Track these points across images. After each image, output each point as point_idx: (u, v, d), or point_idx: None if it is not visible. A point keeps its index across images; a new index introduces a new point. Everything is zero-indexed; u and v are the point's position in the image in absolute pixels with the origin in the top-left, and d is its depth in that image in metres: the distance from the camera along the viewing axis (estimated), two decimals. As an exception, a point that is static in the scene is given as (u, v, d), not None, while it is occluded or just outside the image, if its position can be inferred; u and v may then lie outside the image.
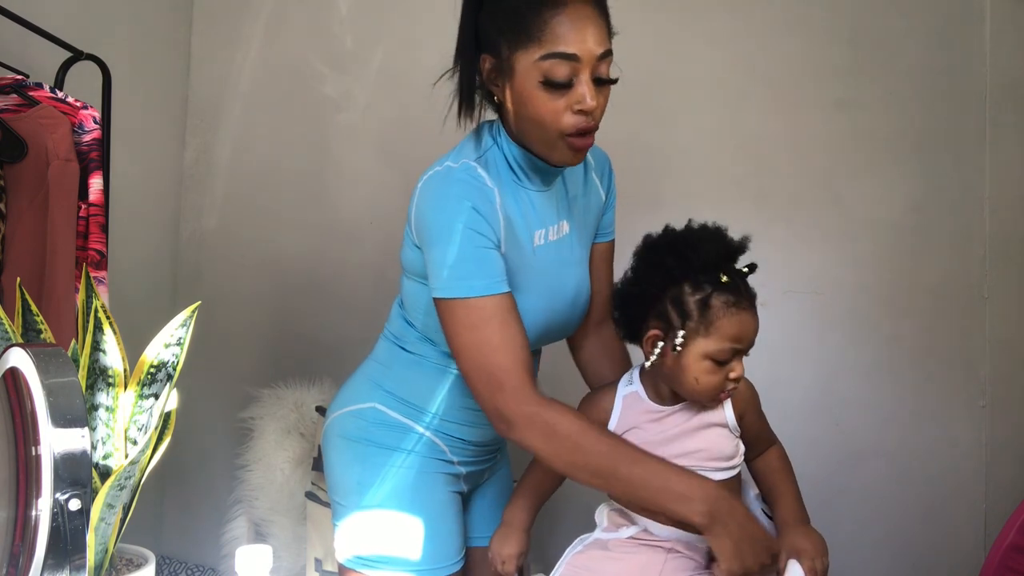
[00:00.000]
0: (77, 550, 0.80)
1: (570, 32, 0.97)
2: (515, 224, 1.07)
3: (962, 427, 1.69)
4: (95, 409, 1.24)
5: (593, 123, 1.02)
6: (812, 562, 1.07)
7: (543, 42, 0.98)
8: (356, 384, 1.24)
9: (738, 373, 1.04)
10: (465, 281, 1.00)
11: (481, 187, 1.03)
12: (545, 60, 0.98)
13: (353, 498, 1.17)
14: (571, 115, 1.00)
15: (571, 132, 1.01)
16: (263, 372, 2.08)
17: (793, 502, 1.15)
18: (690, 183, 1.91)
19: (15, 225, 1.49)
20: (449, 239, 1.01)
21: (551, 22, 0.97)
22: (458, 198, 1.02)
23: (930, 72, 1.73)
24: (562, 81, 0.99)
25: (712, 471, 1.08)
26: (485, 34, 1.04)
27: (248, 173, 2.40)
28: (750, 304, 1.05)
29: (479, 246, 1.01)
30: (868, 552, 1.73)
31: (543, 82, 0.99)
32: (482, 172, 1.04)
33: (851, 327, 1.78)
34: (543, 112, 1.00)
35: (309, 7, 2.33)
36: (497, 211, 1.03)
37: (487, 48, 1.04)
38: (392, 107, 2.22)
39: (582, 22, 0.98)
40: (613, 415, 1.12)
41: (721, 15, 1.89)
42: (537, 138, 1.05)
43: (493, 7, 1.03)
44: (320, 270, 2.28)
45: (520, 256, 1.08)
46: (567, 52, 0.97)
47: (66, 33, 1.74)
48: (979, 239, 1.70)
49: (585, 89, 0.99)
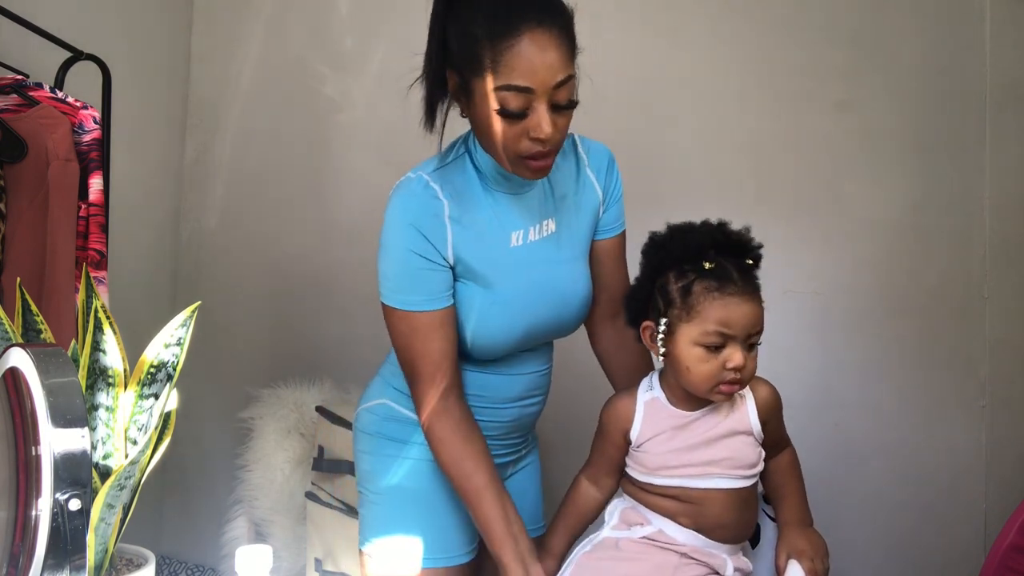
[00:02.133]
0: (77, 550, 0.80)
1: (523, 64, 0.97)
2: (480, 228, 1.11)
3: (962, 427, 1.69)
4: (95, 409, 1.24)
5: (549, 147, 1.03)
6: (812, 563, 1.07)
7: (497, 73, 0.98)
8: (374, 382, 1.31)
9: (736, 362, 1.02)
10: (400, 295, 1.10)
11: (429, 201, 1.08)
12: (499, 91, 0.99)
13: (368, 486, 1.24)
14: (527, 141, 1.01)
15: (527, 156, 1.03)
16: (263, 372, 2.08)
17: (797, 504, 1.15)
18: (690, 183, 1.91)
19: (15, 225, 1.49)
20: (391, 256, 1.10)
21: (505, 54, 0.97)
22: (402, 218, 1.08)
23: (930, 72, 1.73)
24: (516, 112, 0.99)
25: (736, 479, 1.08)
26: (451, 49, 1.05)
27: (248, 173, 2.40)
28: (740, 290, 1.03)
29: (415, 267, 1.08)
30: (868, 552, 1.73)
31: (498, 111, 1.00)
32: (435, 185, 1.09)
33: (851, 327, 1.78)
34: (500, 137, 1.02)
35: (309, 7, 2.33)
36: (445, 223, 1.08)
37: (452, 64, 1.05)
38: (392, 107, 2.21)
39: (536, 53, 0.97)
40: (635, 422, 1.11)
41: (721, 15, 1.89)
42: (497, 157, 1.07)
43: (455, 27, 1.03)
44: (320, 270, 2.28)
45: (491, 256, 1.12)
46: (520, 85, 0.97)
47: (66, 33, 1.74)
48: (979, 239, 1.69)
49: (540, 119, 0.99)
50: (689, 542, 1.08)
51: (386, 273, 1.11)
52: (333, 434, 1.63)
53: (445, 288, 1.10)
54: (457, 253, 1.10)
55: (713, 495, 1.08)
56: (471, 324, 1.13)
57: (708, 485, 1.08)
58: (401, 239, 1.08)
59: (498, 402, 1.21)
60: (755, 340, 1.05)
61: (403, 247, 1.08)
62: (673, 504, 1.09)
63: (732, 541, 1.11)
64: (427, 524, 1.19)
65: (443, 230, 1.08)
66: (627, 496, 1.16)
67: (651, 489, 1.11)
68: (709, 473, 1.07)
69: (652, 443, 1.10)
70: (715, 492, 1.08)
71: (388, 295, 1.11)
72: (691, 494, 1.08)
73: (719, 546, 1.09)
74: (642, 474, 1.11)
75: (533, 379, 1.24)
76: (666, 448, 1.08)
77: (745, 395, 1.11)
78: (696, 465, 1.07)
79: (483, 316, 1.13)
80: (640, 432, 1.11)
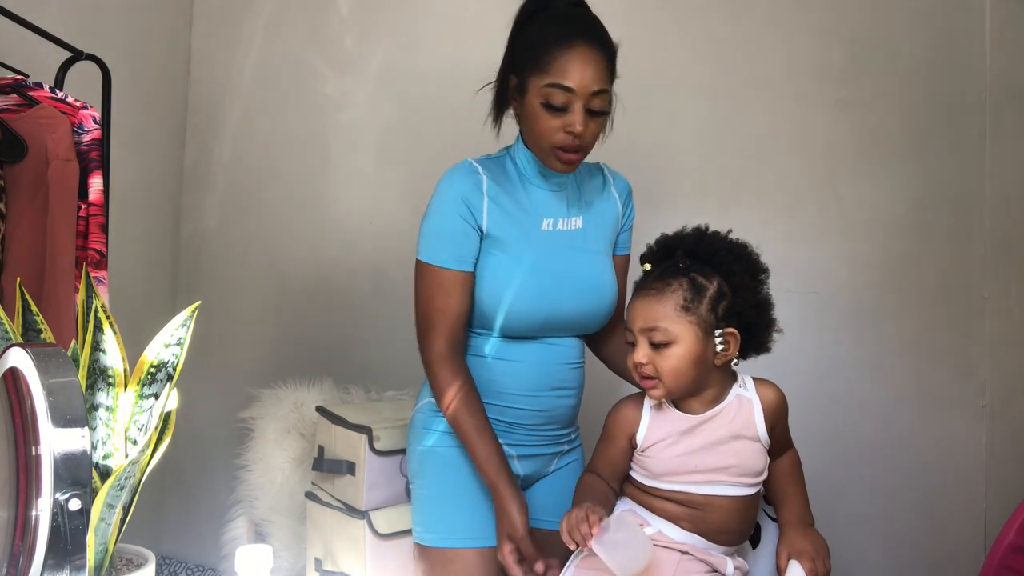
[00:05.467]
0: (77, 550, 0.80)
1: (572, 69, 1.18)
2: (513, 209, 1.28)
3: (962, 427, 1.69)
4: (95, 409, 1.24)
5: (580, 143, 1.22)
6: (813, 563, 1.07)
7: (549, 73, 1.19)
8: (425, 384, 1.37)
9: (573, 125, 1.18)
10: (434, 252, 1.27)
11: (472, 175, 1.28)
12: (548, 87, 1.19)
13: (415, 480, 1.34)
14: (563, 134, 1.21)
15: (560, 147, 1.22)
16: (263, 372, 2.08)
17: (798, 505, 1.15)
18: (690, 183, 1.91)
19: (15, 225, 1.49)
20: (434, 216, 1.28)
21: (559, 58, 1.18)
22: (449, 187, 1.28)
23: (930, 72, 1.73)
24: (559, 106, 1.19)
25: (741, 487, 1.08)
26: (514, 57, 1.28)
27: (248, 173, 2.40)
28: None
29: (453, 227, 1.26)
30: (868, 552, 1.73)
31: (544, 104, 1.20)
32: (478, 165, 1.29)
33: (850, 327, 1.78)
34: (541, 127, 1.22)
35: (309, 7, 2.33)
36: (483, 196, 1.26)
37: (513, 68, 1.27)
38: (392, 107, 2.22)
39: (583, 62, 1.18)
40: (642, 426, 1.12)
41: (721, 15, 1.89)
42: (536, 147, 1.27)
43: (522, 37, 1.26)
44: (320, 270, 2.28)
45: (522, 233, 1.28)
46: (565, 84, 1.18)
47: (66, 33, 1.74)
48: (979, 239, 1.69)
49: (576, 116, 1.19)
50: (689, 541, 1.08)
51: (426, 232, 1.28)
52: (333, 434, 1.63)
53: (472, 253, 1.27)
54: (490, 224, 1.26)
55: (717, 501, 1.08)
56: (504, 291, 1.25)
57: (713, 492, 1.08)
58: (446, 203, 1.26)
59: (531, 390, 1.29)
60: (656, 338, 1.05)
61: (446, 210, 1.26)
62: (676, 508, 1.09)
63: (733, 544, 1.12)
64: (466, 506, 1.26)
65: (481, 201, 1.26)
66: (628, 499, 1.15)
67: (655, 493, 1.11)
68: (715, 480, 1.07)
69: (657, 448, 1.10)
70: (720, 498, 1.08)
71: (424, 251, 1.28)
72: (695, 499, 1.08)
73: (719, 548, 1.10)
74: (647, 478, 1.11)
75: (563, 371, 1.31)
76: (672, 453, 1.08)
77: (751, 398, 1.11)
78: (703, 472, 1.07)
79: (513, 283, 1.26)
80: (646, 436, 1.11)
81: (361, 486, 1.54)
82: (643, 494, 1.12)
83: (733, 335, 1.07)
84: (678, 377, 1.06)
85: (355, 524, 1.53)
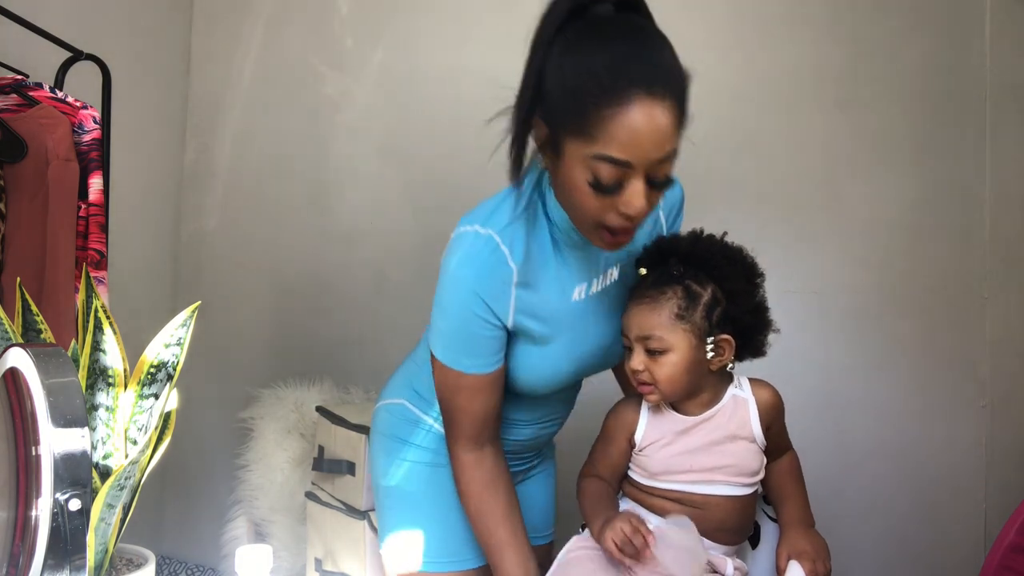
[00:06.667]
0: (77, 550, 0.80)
1: (626, 135, 0.86)
2: (544, 289, 1.06)
3: (962, 427, 1.69)
4: (95, 409, 1.24)
5: (637, 224, 0.95)
6: (814, 564, 1.07)
7: (596, 139, 0.87)
8: (395, 380, 1.30)
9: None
10: (453, 356, 1.06)
11: (498, 267, 1.01)
12: (595, 160, 0.88)
13: (382, 486, 1.24)
14: (614, 214, 0.93)
15: (609, 227, 0.95)
16: (263, 372, 2.08)
17: (798, 505, 1.15)
18: (689, 183, 1.91)
19: (15, 225, 1.49)
20: (448, 316, 1.05)
21: (609, 121, 0.86)
22: (465, 282, 1.01)
23: (930, 72, 1.73)
24: (610, 185, 0.90)
25: (738, 487, 1.09)
26: (543, 96, 0.92)
27: (248, 173, 2.40)
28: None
29: (473, 332, 1.03)
30: (868, 552, 1.73)
31: (591, 181, 0.90)
32: (505, 248, 1.00)
33: (851, 327, 1.78)
34: (586, 206, 0.93)
35: (309, 7, 2.33)
36: (510, 290, 1.02)
37: (544, 111, 0.93)
38: (392, 107, 2.22)
39: (644, 124, 0.86)
40: (639, 427, 1.12)
41: (721, 15, 1.89)
42: (575, 220, 1.00)
43: (557, 73, 0.91)
44: (320, 270, 2.28)
45: (550, 314, 1.07)
46: (619, 159, 0.88)
47: (66, 33, 1.74)
48: (979, 239, 1.69)
49: (633, 194, 0.90)
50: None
51: (441, 330, 1.06)
52: (333, 434, 1.63)
53: (498, 350, 1.06)
54: (517, 318, 1.05)
55: (714, 500, 1.08)
56: (518, 374, 1.11)
57: (710, 491, 1.08)
58: (462, 303, 1.02)
59: (518, 424, 1.21)
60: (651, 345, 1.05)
61: (463, 312, 1.02)
62: (674, 507, 1.09)
63: (731, 543, 1.12)
64: (434, 525, 1.19)
65: (507, 297, 1.02)
66: (627, 498, 1.16)
67: (653, 492, 1.11)
68: (712, 480, 1.08)
69: (655, 447, 1.10)
70: (716, 498, 1.08)
71: (440, 351, 1.07)
72: (692, 498, 1.09)
73: (717, 547, 1.10)
74: (645, 477, 1.12)
75: (558, 405, 1.24)
76: (668, 453, 1.09)
77: (747, 399, 1.11)
78: (699, 471, 1.08)
79: (531, 368, 1.10)
80: (644, 436, 1.11)
81: (361, 486, 1.54)
82: (641, 493, 1.13)
83: (728, 341, 1.07)
84: (673, 383, 1.06)
85: (355, 524, 1.53)
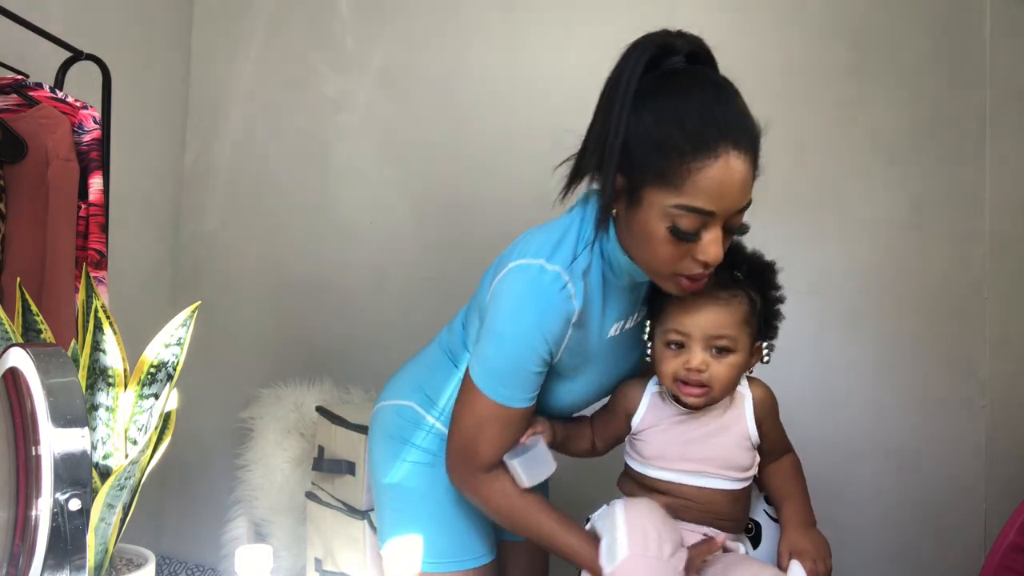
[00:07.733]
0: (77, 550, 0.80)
1: (712, 188, 0.90)
2: (592, 323, 1.07)
3: (962, 427, 1.69)
4: (95, 409, 1.24)
5: (711, 270, 0.97)
6: (814, 563, 1.08)
7: (681, 191, 0.91)
8: (401, 381, 1.28)
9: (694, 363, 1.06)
10: (497, 386, 1.04)
11: (564, 305, 1.01)
12: (678, 209, 0.92)
13: (383, 486, 1.24)
14: (690, 261, 0.95)
15: (686, 275, 0.98)
16: (263, 372, 2.08)
17: (799, 505, 1.16)
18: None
19: (15, 225, 1.49)
20: (507, 350, 1.03)
21: (696, 174, 0.90)
22: (532, 320, 1.01)
23: (930, 73, 1.73)
24: (690, 233, 0.93)
25: (728, 480, 1.10)
26: (630, 151, 0.94)
27: (248, 173, 2.40)
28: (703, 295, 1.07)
29: (529, 369, 1.03)
30: (867, 552, 1.73)
31: (670, 228, 0.93)
32: (572, 287, 1.01)
33: (851, 327, 1.78)
34: (661, 254, 0.96)
35: (309, 7, 2.33)
36: (569, 327, 1.02)
37: (625, 165, 0.95)
38: (392, 107, 2.22)
39: (728, 177, 0.90)
40: (640, 408, 1.15)
41: (721, 14, 1.89)
42: (647, 267, 1.01)
43: (643, 129, 0.93)
44: (320, 270, 2.28)
45: (588, 346, 1.08)
46: (703, 208, 0.91)
47: (66, 33, 1.74)
48: (979, 239, 1.69)
49: (712, 243, 0.93)
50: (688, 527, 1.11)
51: (493, 362, 1.04)
52: (333, 434, 1.63)
53: (538, 387, 1.07)
54: (565, 356, 1.06)
55: (707, 493, 1.10)
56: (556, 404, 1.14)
57: (701, 483, 1.10)
58: (521, 336, 1.01)
59: None
60: (720, 344, 1.06)
61: (519, 345, 1.02)
62: (668, 499, 1.11)
63: (730, 532, 1.13)
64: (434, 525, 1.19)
65: (564, 336, 1.03)
66: (623, 495, 1.17)
67: (646, 482, 1.13)
68: (703, 471, 1.10)
69: (650, 432, 1.13)
70: (708, 491, 1.10)
71: (484, 382, 1.05)
72: (684, 490, 1.10)
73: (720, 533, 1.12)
74: (639, 464, 1.14)
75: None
76: (663, 439, 1.12)
77: (744, 394, 1.13)
78: (691, 461, 1.10)
79: (555, 398, 1.13)
80: (642, 419, 1.14)
81: (361, 486, 1.54)
82: (636, 486, 1.15)
83: (760, 347, 1.12)
84: (727, 384, 1.08)
85: (355, 524, 1.53)
